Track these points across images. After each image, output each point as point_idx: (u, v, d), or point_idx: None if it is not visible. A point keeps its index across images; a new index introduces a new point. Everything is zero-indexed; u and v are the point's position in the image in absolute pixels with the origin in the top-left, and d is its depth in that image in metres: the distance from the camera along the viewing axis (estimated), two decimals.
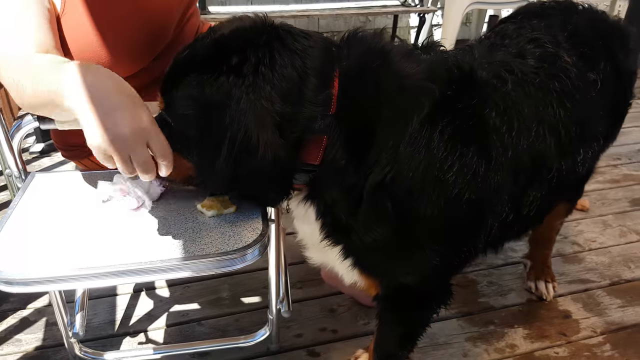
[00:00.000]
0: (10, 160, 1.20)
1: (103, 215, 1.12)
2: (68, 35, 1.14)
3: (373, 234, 1.04)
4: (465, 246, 1.15)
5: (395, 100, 0.97)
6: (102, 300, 1.79)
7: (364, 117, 0.97)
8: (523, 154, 1.08)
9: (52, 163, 2.63)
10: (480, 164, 1.01)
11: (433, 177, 0.98)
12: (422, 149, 0.97)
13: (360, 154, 0.97)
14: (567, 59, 1.20)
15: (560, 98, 1.15)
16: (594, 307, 1.84)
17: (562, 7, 1.42)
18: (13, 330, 1.67)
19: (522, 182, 1.11)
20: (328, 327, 1.71)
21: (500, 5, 4.05)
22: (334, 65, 0.97)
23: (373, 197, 0.99)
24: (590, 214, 2.35)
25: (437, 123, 0.97)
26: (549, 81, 1.14)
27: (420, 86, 0.98)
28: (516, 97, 1.08)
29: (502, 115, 1.05)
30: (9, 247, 1.01)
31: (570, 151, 1.20)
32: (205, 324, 1.70)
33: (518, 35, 1.25)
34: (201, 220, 1.12)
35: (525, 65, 1.14)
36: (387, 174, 0.97)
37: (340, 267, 1.18)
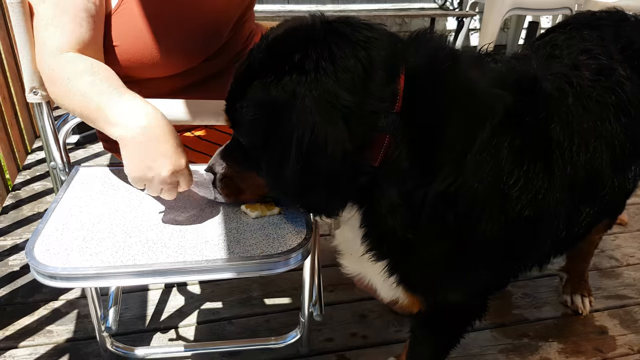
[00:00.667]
0: (55, 152, 1.20)
1: (147, 212, 1.12)
2: (119, 31, 1.14)
3: (432, 249, 0.99)
4: (520, 264, 1.12)
5: (467, 104, 0.92)
6: (133, 295, 1.79)
7: (431, 119, 0.91)
8: (581, 170, 1.04)
9: (87, 155, 2.66)
10: (544, 181, 0.97)
11: (498, 192, 0.94)
12: (490, 160, 0.92)
13: (425, 158, 0.92)
14: (622, 72, 1.17)
15: (616, 112, 1.11)
16: (631, 324, 1.79)
17: (614, 18, 1.38)
18: (44, 322, 1.68)
19: (577, 198, 1.07)
20: (359, 333, 1.69)
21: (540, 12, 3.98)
22: (400, 60, 0.91)
23: (435, 207, 0.93)
24: (629, 228, 2.30)
25: (507, 134, 0.93)
26: (606, 95, 1.11)
27: (494, 93, 0.93)
28: (576, 111, 1.04)
29: (565, 130, 1.01)
30: (52, 241, 1.01)
31: (622, 167, 1.17)
32: (235, 323, 1.70)
33: (569, 46, 1.21)
34: (245, 220, 1.11)
35: (582, 77, 1.10)
36: (451, 183, 0.91)
37: (380, 282, 1.12)
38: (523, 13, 4.07)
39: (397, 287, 1.10)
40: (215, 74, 1.32)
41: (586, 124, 1.05)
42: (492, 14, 3.69)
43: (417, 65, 0.91)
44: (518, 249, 1.07)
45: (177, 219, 1.10)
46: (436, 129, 0.91)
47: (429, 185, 0.92)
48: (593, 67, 1.14)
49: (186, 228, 1.07)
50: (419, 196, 0.93)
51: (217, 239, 1.05)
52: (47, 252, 0.98)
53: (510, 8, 3.70)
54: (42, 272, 0.95)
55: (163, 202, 1.14)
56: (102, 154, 2.63)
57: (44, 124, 1.15)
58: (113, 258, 0.97)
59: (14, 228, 2.11)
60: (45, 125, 1.15)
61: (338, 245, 1.22)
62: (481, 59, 1.02)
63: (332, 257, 1.97)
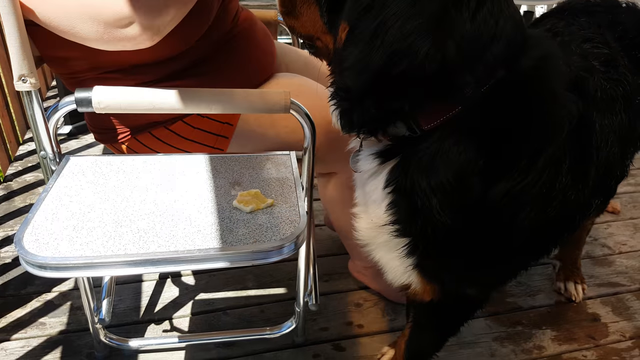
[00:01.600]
0: (45, 142, 1.18)
1: (138, 201, 1.11)
2: None
3: (473, 242, 0.94)
4: (540, 257, 1.12)
5: (550, 107, 0.90)
6: (127, 286, 1.78)
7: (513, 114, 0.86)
8: (601, 166, 1.04)
9: (80, 145, 2.63)
10: (581, 183, 0.98)
11: (552, 192, 0.92)
12: (556, 164, 0.91)
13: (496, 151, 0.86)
14: (623, 62, 1.17)
15: (624, 104, 1.11)
16: (624, 311, 1.80)
17: (607, 4, 1.38)
18: (37, 314, 1.67)
19: (594, 192, 1.07)
20: (354, 322, 1.69)
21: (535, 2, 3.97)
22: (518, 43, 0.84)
23: (494, 204, 0.89)
24: (621, 216, 2.30)
25: (573, 139, 0.92)
26: (616, 87, 1.10)
27: (572, 99, 0.92)
28: (603, 107, 1.05)
29: (600, 130, 1.02)
30: (42, 230, 1.00)
31: (625, 156, 1.18)
32: (230, 314, 1.69)
33: (570, 33, 1.21)
34: (238, 209, 1.10)
35: (597, 70, 1.10)
36: (519, 182, 0.88)
37: (393, 260, 1.05)
38: (518, 2, 4.05)
39: (412, 271, 1.04)
40: (205, 57, 1.29)
41: (607, 119, 1.05)
42: None
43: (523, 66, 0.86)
44: (544, 244, 1.08)
45: (169, 208, 1.09)
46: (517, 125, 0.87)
47: (496, 180, 0.87)
48: (602, 59, 1.13)
49: (178, 217, 1.06)
50: (480, 186, 0.87)
51: (210, 228, 1.04)
52: (37, 241, 0.97)
53: None
54: (32, 262, 0.94)
55: (155, 190, 1.13)
56: (95, 145, 2.60)
57: (33, 112, 1.13)
58: (104, 247, 0.96)
59: (5, 220, 2.09)
60: (35, 113, 1.13)
61: (358, 202, 1.10)
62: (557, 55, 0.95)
63: (327, 246, 1.98)
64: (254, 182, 1.21)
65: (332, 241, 2.01)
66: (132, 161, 1.25)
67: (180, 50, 1.23)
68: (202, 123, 1.35)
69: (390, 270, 1.10)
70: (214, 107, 1.18)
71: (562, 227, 1.06)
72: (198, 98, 1.16)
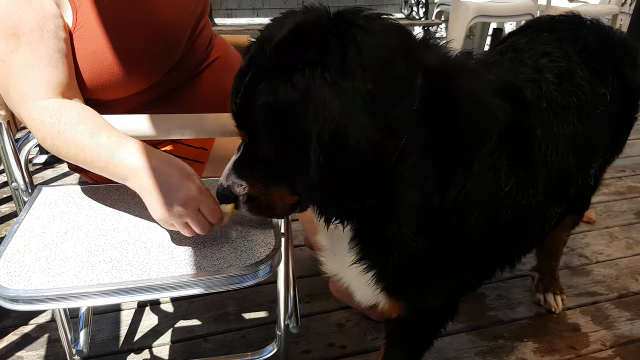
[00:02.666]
0: (17, 173, 1.18)
1: (111, 230, 1.10)
2: (80, 52, 1.13)
3: (432, 254, 0.96)
4: (499, 265, 1.13)
5: (478, 112, 0.91)
6: (106, 316, 1.76)
7: (446, 123, 0.87)
8: (553, 173, 1.05)
9: (56, 175, 2.61)
10: (529, 189, 0.99)
11: (494, 198, 0.94)
12: (491, 169, 0.92)
13: (440, 162, 0.88)
14: (581, 74, 1.20)
15: (578, 114, 1.13)
16: (603, 320, 1.82)
17: (571, 21, 1.42)
18: (14, 347, 1.64)
19: (550, 200, 1.09)
20: (337, 343, 1.68)
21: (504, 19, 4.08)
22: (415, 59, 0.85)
23: (447, 212, 0.91)
24: (597, 226, 2.34)
25: (507, 143, 0.93)
26: (569, 97, 1.13)
27: (496, 103, 0.93)
28: (548, 115, 1.06)
29: (544, 137, 1.03)
30: (14, 263, 0.99)
31: (585, 166, 1.20)
32: (211, 340, 1.67)
33: (530, 49, 1.23)
34: (212, 234, 1.10)
35: (548, 81, 1.12)
36: (461, 189, 0.90)
37: (360, 286, 1.08)
38: (487, 20, 4.16)
39: (379, 293, 1.07)
40: (178, 87, 1.31)
41: (556, 128, 1.07)
42: (457, 22, 3.76)
43: (432, 64, 0.87)
44: (501, 251, 1.09)
45: (142, 237, 1.09)
46: (450, 135, 0.88)
47: (447, 189, 0.90)
48: (555, 71, 1.16)
49: (151, 244, 1.06)
50: (435, 200, 0.90)
51: (183, 255, 1.04)
52: (9, 274, 0.96)
53: (475, 15, 3.77)
54: (3, 296, 0.92)
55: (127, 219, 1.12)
56: (71, 174, 2.58)
57: (3, 144, 1.13)
58: (76, 278, 0.96)
59: None
60: (5, 145, 1.13)
61: (321, 241, 1.15)
62: (478, 69, 1.02)
63: (307, 267, 1.98)
64: None
65: (312, 262, 2.01)
66: (105, 190, 1.25)
67: (146, 86, 1.24)
68: (177, 149, 1.35)
69: (359, 293, 1.14)
70: (186, 132, 1.19)
71: (520, 234, 1.08)
72: (170, 123, 1.17)
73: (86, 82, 1.16)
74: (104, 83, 1.16)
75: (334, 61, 0.78)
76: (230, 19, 3.91)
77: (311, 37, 0.82)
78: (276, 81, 0.80)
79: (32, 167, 2.66)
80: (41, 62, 1.06)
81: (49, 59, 1.07)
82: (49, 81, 1.06)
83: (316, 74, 0.78)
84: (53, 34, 1.08)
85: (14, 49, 1.05)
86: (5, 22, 1.04)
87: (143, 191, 1.00)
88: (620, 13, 4.33)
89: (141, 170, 0.98)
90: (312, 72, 0.78)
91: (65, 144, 1.03)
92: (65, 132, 1.02)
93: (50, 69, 1.07)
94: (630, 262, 2.11)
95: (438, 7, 4.42)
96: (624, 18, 4.36)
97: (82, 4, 1.12)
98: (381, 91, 0.79)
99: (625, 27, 4.26)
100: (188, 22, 1.28)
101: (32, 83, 1.05)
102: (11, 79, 1.06)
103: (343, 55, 0.78)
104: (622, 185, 2.69)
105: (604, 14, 4.03)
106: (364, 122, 0.77)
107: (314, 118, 0.77)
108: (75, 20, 1.12)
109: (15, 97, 1.06)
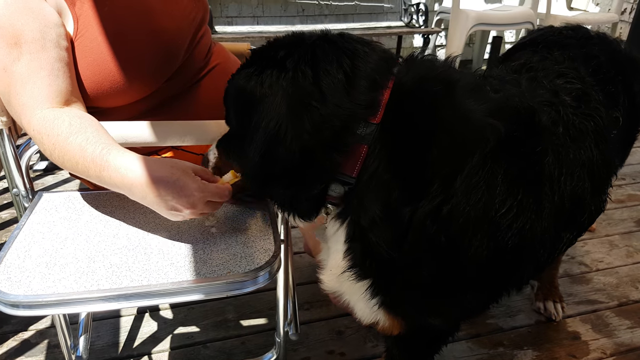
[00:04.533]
0: (17, 179, 1.18)
1: (111, 236, 1.10)
2: (81, 61, 1.14)
3: (420, 270, 0.97)
4: (503, 289, 1.12)
5: (456, 129, 0.91)
6: (105, 322, 1.76)
7: (415, 137, 0.90)
8: (567, 200, 1.03)
9: (56, 181, 2.62)
10: (534, 212, 0.96)
11: (490, 218, 0.92)
12: (482, 186, 0.90)
13: (409, 174, 0.91)
14: (596, 97, 1.17)
15: (595, 139, 1.10)
16: (603, 328, 1.82)
17: (579, 36, 1.40)
18: (14, 353, 1.64)
19: (561, 226, 1.07)
20: (336, 350, 1.68)
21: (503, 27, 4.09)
22: (388, 75, 0.93)
23: (425, 227, 0.91)
24: (597, 234, 2.34)
25: (501, 163, 0.92)
26: (586, 122, 1.10)
27: (487, 122, 0.92)
28: (564, 141, 1.03)
29: (556, 162, 1.00)
30: (14, 268, 0.99)
31: (599, 191, 1.17)
32: (210, 347, 1.67)
33: (544, 68, 1.21)
34: (212, 240, 1.10)
35: (566, 105, 1.09)
36: (441, 204, 0.89)
37: (360, 303, 1.08)
38: (487, 28, 4.17)
39: (377, 309, 1.07)
40: (178, 94, 1.32)
41: (572, 153, 1.04)
42: (457, 30, 3.78)
43: (404, 82, 0.93)
44: (504, 275, 1.07)
45: (142, 242, 1.09)
46: (421, 148, 0.90)
47: (417, 202, 0.90)
48: (573, 94, 1.14)
49: (151, 251, 1.06)
50: (405, 212, 0.91)
51: (183, 261, 1.04)
52: (9, 280, 0.96)
53: (475, 24, 3.79)
54: (4, 301, 0.93)
55: (127, 225, 1.13)
56: (71, 180, 2.59)
57: (4, 150, 1.13)
58: (76, 284, 0.96)
59: None
60: (6, 151, 1.14)
61: (321, 259, 1.18)
62: (481, 86, 0.99)
63: (307, 274, 1.98)
64: (229, 212, 1.21)
65: (312, 269, 2.01)
66: (106, 196, 1.25)
67: (147, 93, 1.24)
68: (177, 155, 1.36)
69: (359, 309, 1.13)
70: (187, 139, 1.19)
71: (526, 258, 1.05)
72: (170, 130, 1.17)
73: (87, 90, 1.16)
74: (105, 91, 1.17)
75: (290, 69, 0.90)
76: (230, 27, 3.92)
77: (284, 45, 0.96)
78: (250, 70, 0.95)
79: (32, 174, 2.66)
80: (42, 72, 1.07)
81: (51, 68, 1.08)
82: (49, 91, 1.07)
83: (279, 75, 0.90)
84: (55, 43, 1.09)
85: (15, 58, 1.05)
86: (7, 31, 1.05)
87: (147, 202, 1.00)
88: (620, 22, 4.35)
89: (138, 179, 0.98)
90: (277, 73, 0.91)
91: (62, 155, 1.04)
92: (59, 144, 1.03)
93: (51, 78, 1.07)
94: (630, 270, 2.11)
95: (438, 15, 4.44)
96: (624, 26, 4.37)
97: (82, 12, 1.13)
98: (329, 104, 0.88)
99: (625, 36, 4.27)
100: (187, 30, 1.29)
101: (32, 93, 1.06)
102: (12, 89, 1.06)
103: (297, 64, 0.90)
104: (622, 193, 2.69)
105: (604, 23, 4.04)
106: (300, 128, 0.88)
107: (264, 113, 0.90)
108: (77, 28, 1.13)
109: (17, 106, 1.07)
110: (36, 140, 1.07)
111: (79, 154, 1.01)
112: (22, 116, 1.07)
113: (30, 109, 1.06)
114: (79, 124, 1.05)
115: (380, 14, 4.46)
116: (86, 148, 1.01)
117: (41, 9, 1.08)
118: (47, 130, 1.04)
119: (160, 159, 1.03)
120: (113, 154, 1.00)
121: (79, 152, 1.01)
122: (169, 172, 0.98)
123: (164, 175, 0.98)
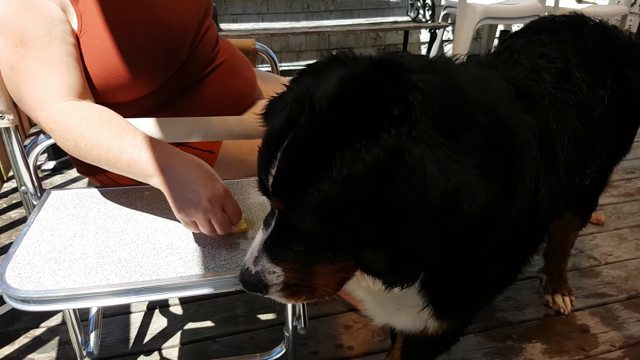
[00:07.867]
0: (26, 177, 1.19)
1: (119, 232, 1.11)
2: (87, 57, 1.15)
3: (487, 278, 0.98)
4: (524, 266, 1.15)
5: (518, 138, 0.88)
6: (115, 319, 1.77)
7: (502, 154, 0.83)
8: (561, 171, 1.05)
9: (64, 180, 2.64)
10: (554, 190, 1.00)
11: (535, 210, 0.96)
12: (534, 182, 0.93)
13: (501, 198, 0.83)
14: (578, 75, 1.19)
15: (577, 112, 1.13)
16: (612, 321, 1.81)
17: (573, 22, 1.41)
18: (25, 350, 1.65)
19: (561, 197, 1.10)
20: (344, 344, 1.68)
21: (511, 21, 4.05)
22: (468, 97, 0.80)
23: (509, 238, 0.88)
24: (606, 227, 2.33)
25: (536, 157, 0.94)
26: (567, 96, 1.13)
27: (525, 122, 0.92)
28: (552, 113, 1.06)
29: (555, 134, 1.04)
30: (24, 265, 1.00)
31: (583, 164, 1.19)
32: (220, 342, 1.68)
33: (527, 50, 1.22)
34: (220, 236, 1.10)
35: (544, 79, 1.11)
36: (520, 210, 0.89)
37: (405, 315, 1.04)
38: (494, 22, 4.14)
39: (429, 318, 1.02)
40: (185, 90, 1.32)
41: (559, 124, 1.07)
42: (464, 24, 3.75)
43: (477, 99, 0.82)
44: (529, 257, 1.10)
45: (150, 238, 1.10)
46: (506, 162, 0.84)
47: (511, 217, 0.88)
48: (552, 71, 1.15)
49: (160, 246, 1.07)
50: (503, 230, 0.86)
51: (192, 255, 1.04)
52: (19, 276, 0.97)
53: (482, 18, 3.76)
54: (14, 297, 0.94)
55: (136, 221, 1.13)
56: (80, 179, 2.61)
57: (12, 148, 1.15)
58: (86, 279, 0.97)
59: None
60: (14, 149, 1.15)
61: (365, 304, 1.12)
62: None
63: None
64: None
65: None
66: (114, 193, 1.26)
67: (153, 88, 1.25)
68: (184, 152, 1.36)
69: (401, 322, 1.09)
70: (194, 136, 1.20)
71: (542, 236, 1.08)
72: (177, 127, 1.18)
73: (95, 86, 1.17)
74: (111, 86, 1.17)
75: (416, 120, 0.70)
76: (235, 24, 3.93)
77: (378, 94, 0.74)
78: (356, 146, 0.70)
79: (41, 174, 2.68)
80: (52, 67, 1.08)
81: (60, 63, 1.08)
82: (62, 84, 1.08)
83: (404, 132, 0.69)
84: (61, 39, 1.09)
85: (22, 56, 1.06)
86: (12, 29, 1.06)
87: (170, 188, 1.02)
88: (630, 14, 4.30)
89: (168, 168, 1.01)
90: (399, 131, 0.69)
91: (89, 145, 1.05)
92: (89, 134, 1.04)
93: (63, 72, 1.08)
94: (639, 263, 2.10)
95: (444, 10, 4.42)
96: (634, 19, 4.34)
97: (86, 8, 1.14)
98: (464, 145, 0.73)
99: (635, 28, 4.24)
100: (192, 24, 1.30)
101: (46, 87, 1.07)
102: (23, 86, 1.07)
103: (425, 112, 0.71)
104: (632, 186, 2.67)
105: (613, 15, 4.01)
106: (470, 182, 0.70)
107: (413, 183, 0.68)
108: (81, 25, 1.14)
109: (31, 102, 1.08)
110: (57, 132, 1.07)
111: (113, 141, 1.04)
112: (37, 111, 1.08)
113: (46, 103, 1.07)
114: (108, 114, 1.08)
115: (387, 9, 4.45)
116: (122, 136, 1.04)
117: (45, 6, 1.09)
118: (73, 121, 1.05)
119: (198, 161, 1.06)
120: (149, 143, 1.04)
121: (114, 140, 1.04)
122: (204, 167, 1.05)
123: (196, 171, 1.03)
